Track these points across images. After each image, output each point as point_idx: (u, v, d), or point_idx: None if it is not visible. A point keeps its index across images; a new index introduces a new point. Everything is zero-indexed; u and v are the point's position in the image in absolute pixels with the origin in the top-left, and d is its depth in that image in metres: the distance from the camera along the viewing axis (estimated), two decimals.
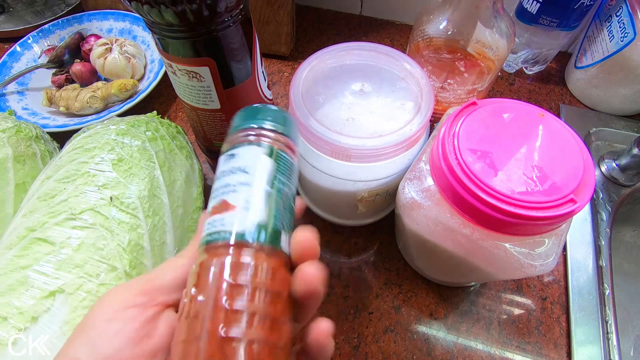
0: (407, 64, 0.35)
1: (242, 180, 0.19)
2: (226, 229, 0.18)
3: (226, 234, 0.18)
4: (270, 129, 0.21)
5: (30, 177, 0.35)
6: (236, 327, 0.16)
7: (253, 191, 0.19)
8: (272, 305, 0.17)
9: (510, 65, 0.57)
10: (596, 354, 0.35)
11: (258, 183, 0.19)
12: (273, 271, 0.18)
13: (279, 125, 0.22)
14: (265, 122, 0.21)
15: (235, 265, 0.17)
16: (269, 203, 0.19)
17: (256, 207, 0.19)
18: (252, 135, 0.21)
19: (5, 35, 0.61)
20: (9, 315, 0.24)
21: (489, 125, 0.28)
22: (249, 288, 0.17)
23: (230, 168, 0.20)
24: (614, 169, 0.46)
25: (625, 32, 0.45)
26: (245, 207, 0.18)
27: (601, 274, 0.40)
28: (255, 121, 0.21)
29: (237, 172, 0.19)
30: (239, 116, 0.22)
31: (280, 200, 0.20)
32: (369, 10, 0.65)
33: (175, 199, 0.33)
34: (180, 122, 0.52)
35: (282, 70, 0.58)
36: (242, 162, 0.20)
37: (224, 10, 0.27)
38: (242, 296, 0.16)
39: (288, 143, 0.22)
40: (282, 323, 0.17)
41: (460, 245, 0.29)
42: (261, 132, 0.21)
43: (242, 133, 0.21)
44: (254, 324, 0.16)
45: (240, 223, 0.18)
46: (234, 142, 0.21)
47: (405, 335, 0.37)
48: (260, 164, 0.20)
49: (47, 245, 0.26)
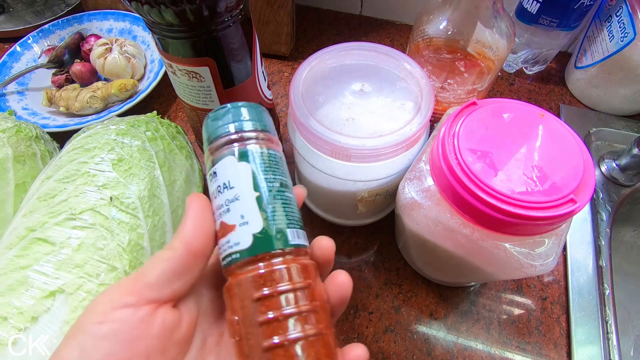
0: (407, 64, 0.35)
1: (230, 197, 0.19)
2: (234, 250, 0.18)
3: (236, 254, 0.18)
4: (236, 131, 0.20)
5: (30, 177, 0.35)
6: (277, 335, 0.17)
7: (243, 204, 0.19)
8: (308, 298, 0.18)
9: (510, 65, 0.57)
10: (596, 354, 0.35)
11: (245, 194, 0.19)
12: (294, 269, 0.18)
13: (242, 122, 0.21)
14: (228, 126, 0.20)
15: (257, 280, 0.18)
16: (262, 207, 0.19)
17: (252, 218, 0.19)
18: (223, 146, 0.20)
19: (5, 35, 0.61)
20: (9, 315, 0.24)
21: (489, 125, 0.28)
22: (278, 295, 0.17)
23: (217, 187, 0.20)
24: (614, 169, 0.46)
25: (625, 32, 0.45)
26: (243, 222, 0.18)
27: (601, 274, 0.40)
28: (219, 129, 0.20)
29: (224, 190, 0.19)
30: (205, 129, 0.21)
31: (273, 199, 0.19)
32: (369, 10, 0.65)
33: (175, 199, 0.33)
34: (180, 122, 0.52)
35: (282, 70, 0.58)
36: (223, 177, 0.20)
37: (224, 10, 0.27)
38: (275, 305, 0.17)
39: (258, 136, 0.21)
40: (314, 311, 0.18)
41: (460, 245, 0.29)
42: (229, 139, 0.20)
43: (213, 146, 0.20)
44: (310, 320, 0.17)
45: (244, 240, 0.18)
46: (211, 158, 0.20)
47: (405, 335, 0.37)
48: (240, 173, 0.19)
49: (47, 245, 0.26)
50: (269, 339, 0.17)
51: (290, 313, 0.17)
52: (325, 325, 0.18)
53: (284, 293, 0.17)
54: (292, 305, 0.17)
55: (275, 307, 0.17)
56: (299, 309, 0.17)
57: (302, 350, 0.17)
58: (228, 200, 0.19)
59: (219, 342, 0.20)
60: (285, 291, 0.17)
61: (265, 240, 0.18)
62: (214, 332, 0.20)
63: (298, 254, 0.19)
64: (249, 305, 0.17)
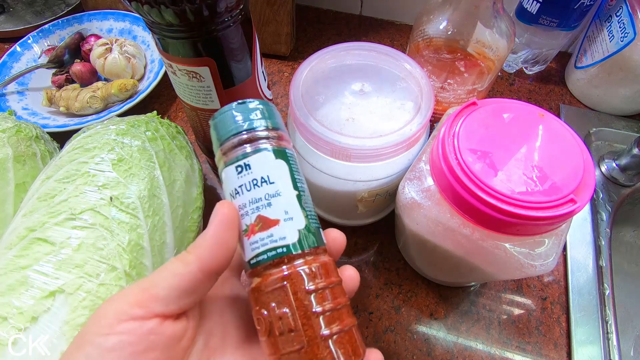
0: (407, 64, 0.35)
1: (271, 192, 0.19)
2: (280, 244, 0.18)
3: (283, 248, 0.18)
4: (270, 128, 0.21)
5: (30, 177, 0.35)
6: (330, 326, 0.18)
7: (286, 200, 0.19)
8: (340, 295, 0.19)
9: (510, 65, 0.57)
10: (596, 354, 0.35)
11: (286, 190, 0.19)
12: (330, 266, 0.20)
13: (272, 120, 0.21)
14: (262, 121, 0.21)
15: (307, 273, 0.18)
16: (303, 206, 0.20)
17: (296, 215, 0.19)
18: (258, 140, 0.20)
19: (5, 35, 0.61)
20: (9, 315, 0.24)
21: (489, 125, 0.28)
22: (325, 289, 0.18)
23: (251, 180, 0.19)
24: (614, 169, 0.46)
25: (625, 32, 0.45)
26: (287, 217, 0.19)
27: (601, 274, 0.40)
28: (254, 122, 0.20)
29: (262, 184, 0.19)
30: (227, 119, 0.21)
31: (308, 198, 0.20)
32: (369, 10, 0.65)
33: (175, 199, 0.33)
34: (180, 122, 0.52)
35: (282, 70, 0.58)
36: (260, 171, 0.19)
37: (224, 10, 0.27)
38: (324, 298, 0.18)
39: (285, 137, 0.21)
40: (348, 306, 0.19)
41: (460, 245, 0.29)
42: (266, 134, 0.20)
43: (245, 137, 0.20)
44: (338, 317, 0.18)
45: (291, 235, 0.19)
46: (239, 150, 0.20)
47: (405, 335, 0.37)
48: (279, 169, 0.20)
49: (47, 245, 0.26)
50: (331, 326, 0.18)
51: (342, 304, 0.19)
52: (354, 318, 0.20)
53: (333, 285, 0.19)
54: (340, 298, 0.19)
55: (330, 297, 0.18)
56: (344, 301, 0.19)
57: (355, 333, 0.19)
58: (269, 195, 0.19)
59: (224, 339, 0.20)
60: (334, 283, 0.19)
61: (308, 236, 0.19)
62: (217, 331, 0.20)
63: (325, 251, 0.20)
64: (303, 297, 0.18)
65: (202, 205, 0.36)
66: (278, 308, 0.18)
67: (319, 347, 0.17)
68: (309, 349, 0.17)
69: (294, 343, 0.17)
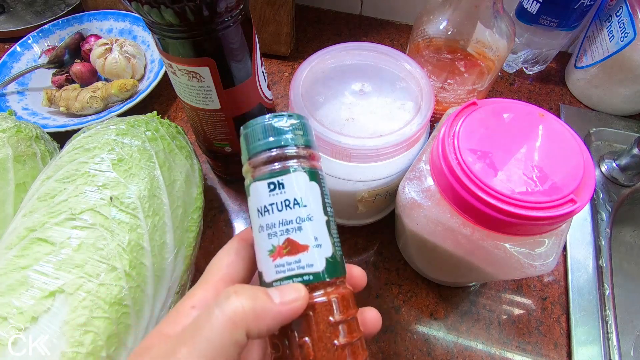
0: (407, 64, 0.35)
1: (302, 215, 0.18)
2: (306, 271, 0.18)
3: (309, 276, 0.18)
4: (307, 146, 0.20)
5: (31, 177, 0.35)
6: (352, 357, 0.18)
7: (317, 225, 0.19)
8: (357, 329, 0.19)
9: (510, 65, 0.57)
10: (596, 354, 0.35)
11: (317, 215, 0.19)
12: (351, 297, 0.19)
13: (308, 137, 0.20)
14: (300, 139, 0.19)
15: (331, 305, 0.18)
16: (331, 233, 0.19)
17: (324, 242, 0.19)
18: (294, 158, 0.19)
19: (5, 35, 0.61)
20: (9, 315, 0.24)
21: (489, 125, 0.28)
22: (346, 322, 0.18)
23: (283, 200, 0.19)
24: (614, 169, 0.46)
25: (625, 32, 0.45)
26: (316, 244, 0.18)
27: (601, 274, 0.40)
28: (287, 139, 0.19)
29: (294, 207, 0.18)
30: (264, 131, 0.19)
31: (335, 225, 0.20)
32: (369, 10, 0.65)
33: (175, 199, 0.33)
34: (180, 122, 0.52)
35: (282, 70, 0.58)
36: (294, 192, 0.19)
37: (224, 10, 0.27)
38: (344, 330, 0.18)
39: (318, 156, 0.21)
40: (362, 339, 0.19)
41: (460, 245, 0.29)
42: (299, 153, 0.19)
43: (280, 154, 0.19)
44: (355, 351, 0.18)
45: (318, 263, 0.18)
46: (273, 166, 0.19)
47: (405, 335, 0.37)
48: (312, 192, 0.19)
49: (47, 245, 0.26)
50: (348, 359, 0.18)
51: (358, 337, 0.18)
52: None
53: (352, 318, 0.19)
54: (356, 331, 0.19)
55: (349, 331, 0.18)
56: (360, 334, 0.19)
57: None
58: (300, 219, 0.18)
59: None
60: (353, 316, 0.19)
61: (334, 265, 0.19)
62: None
63: (345, 280, 0.20)
64: (325, 329, 0.18)
65: (202, 205, 0.36)
66: (299, 336, 0.18)
67: None
68: None
69: None
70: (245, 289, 0.17)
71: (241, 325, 0.16)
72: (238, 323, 0.16)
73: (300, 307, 0.17)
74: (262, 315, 0.17)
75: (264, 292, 0.17)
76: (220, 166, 0.45)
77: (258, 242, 0.19)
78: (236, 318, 0.16)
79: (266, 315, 0.17)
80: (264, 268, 0.19)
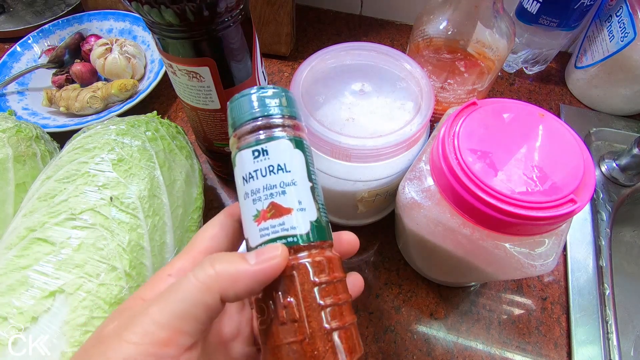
0: (407, 64, 0.35)
1: (286, 180, 0.19)
2: (290, 233, 0.18)
3: (293, 238, 0.18)
4: (290, 116, 0.20)
5: (31, 177, 0.35)
6: (333, 320, 0.18)
7: (300, 190, 0.19)
8: (344, 291, 0.19)
9: (510, 65, 0.57)
10: (596, 354, 0.35)
11: (301, 180, 0.19)
12: (336, 261, 0.20)
13: (292, 108, 0.21)
14: (283, 109, 0.20)
15: (316, 266, 0.18)
16: (315, 199, 0.20)
17: (308, 206, 0.19)
18: (275, 127, 0.20)
19: (5, 35, 0.61)
20: (9, 315, 0.24)
21: (489, 125, 0.28)
22: (331, 283, 0.18)
23: (267, 166, 0.19)
24: (614, 169, 0.46)
25: (625, 32, 0.45)
26: (300, 208, 0.19)
27: (601, 274, 0.40)
28: (273, 108, 0.20)
29: (278, 172, 0.19)
30: (249, 102, 0.20)
31: (320, 191, 0.20)
32: (369, 10, 0.65)
33: (175, 199, 0.33)
34: (180, 122, 0.52)
35: (282, 70, 0.58)
36: (278, 159, 0.19)
37: (224, 10, 0.27)
38: (329, 292, 0.18)
39: (303, 127, 0.21)
40: (350, 303, 0.19)
41: (460, 245, 0.29)
42: (285, 122, 0.20)
43: (262, 123, 0.20)
44: (341, 313, 0.18)
45: (302, 225, 0.19)
46: (258, 134, 0.20)
47: (405, 335, 0.37)
48: (296, 159, 0.20)
49: (47, 245, 0.26)
50: (334, 321, 0.18)
51: (345, 301, 0.19)
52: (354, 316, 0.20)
53: (338, 280, 0.19)
54: (343, 293, 0.19)
55: (335, 292, 0.18)
56: (347, 297, 0.19)
57: (355, 330, 0.19)
58: (284, 183, 0.19)
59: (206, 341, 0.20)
60: (339, 279, 0.19)
61: (319, 229, 0.19)
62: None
63: (332, 246, 0.20)
64: (309, 289, 0.18)
65: (202, 205, 0.36)
66: (283, 297, 0.18)
67: (322, 340, 0.17)
68: (311, 341, 0.17)
69: (296, 334, 0.17)
70: (221, 255, 0.18)
71: (215, 288, 0.17)
72: (211, 286, 0.17)
73: (277, 265, 0.17)
74: (237, 278, 0.17)
75: (240, 256, 0.18)
76: (220, 166, 0.45)
77: (243, 209, 0.20)
78: (209, 281, 0.17)
79: (242, 276, 0.17)
80: (249, 233, 0.19)
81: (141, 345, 0.16)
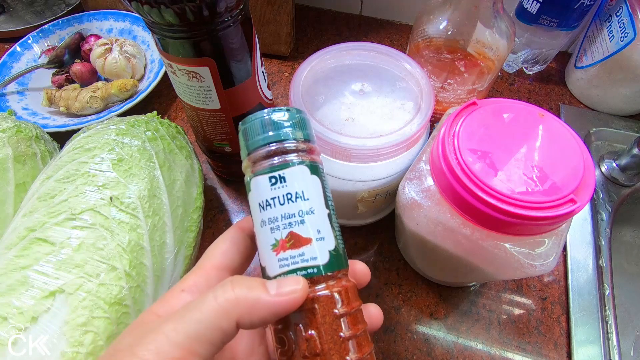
0: (407, 64, 0.35)
1: (305, 209, 0.19)
2: (310, 264, 0.18)
3: (313, 269, 0.18)
4: (307, 140, 0.20)
5: (31, 177, 0.35)
6: (353, 352, 0.18)
7: (319, 219, 0.19)
8: (362, 320, 0.19)
9: (510, 65, 0.57)
10: (596, 354, 0.35)
11: (319, 208, 0.19)
12: (354, 290, 0.19)
13: (308, 132, 0.20)
14: (299, 132, 0.20)
15: (336, 297, 0.18)
16: (333, 226, 0.19)
17: (327, 235, 0.19)
18: (292, 152, 0.19)
19: (5, 35, 0.61)
20: (9, 315, 0.24)
21: (489, 125, 0.28)
22: (350, 314, 0.18)
23: (285, 194, 0.19)
24: (614, 169, 0.46)
25: (625, 32, 0.45)
26: (319, 237, 0.18)
27: (601, 274, 0.40)
28: (289, 132, 0.19)
29: (296, 200, 0.18)
30: (264, 125, 0.19)
31: (336, 218, 0.20)
32: (369, 10, 0.65)
33: (175, 199, 0.33)
34: (180, 122, 0.52)
35: (282, 70, 0.58)
36: (296, 186, 0.19)
37: (224, 10, 0.27)
38: (349, 323, 0.18)
39: (317, 151, 0.21)
40: (367, 330, 0.19)
41: (460, 245, 0.29)
42: (301, 147, 0.19)
43: (278, 148, 0.19)
44: (361, 343, 0.18)
45: (321, 256, 0.18)
46: (274, 160, 0.19)
47: (405, 335, 0.37)
48: (313, 186, 0.19)
49: (47, 245, 0.26)
50: (354, 352, 0.18)
51: (363, 330, 0.19)
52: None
53: (356, 310, 0.19)
54: (361, 323, 0.19)
55: (354, 323, 0.18)
56: (365, 326, 0.19)
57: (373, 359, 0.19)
58: (302, 212, 0.18)
59: None
60: (357, 308, 0.19)
61: (337, 258, 0.19)
62: None
63: (347, 273, 0.20)
64: (330, 321, 0.18)
65: (202, 205, 0.36)
66: (305, 330, 0.18)
67: None
68: None
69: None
70: (243, 279, 0.18)
71: (233, 313, 0.17)
72: (229, 311, 0.17)
73: (298, 298, 0.17)
74: (255, 306, 0.17)
75: (260, 282, 0.18)
76: (220, 166, 0.45)
77: (260, 236, 0.19)
78: (228, 306, 0.17)
79: (260, 306, 0.17)
80: (267, 262, 0.19)
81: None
